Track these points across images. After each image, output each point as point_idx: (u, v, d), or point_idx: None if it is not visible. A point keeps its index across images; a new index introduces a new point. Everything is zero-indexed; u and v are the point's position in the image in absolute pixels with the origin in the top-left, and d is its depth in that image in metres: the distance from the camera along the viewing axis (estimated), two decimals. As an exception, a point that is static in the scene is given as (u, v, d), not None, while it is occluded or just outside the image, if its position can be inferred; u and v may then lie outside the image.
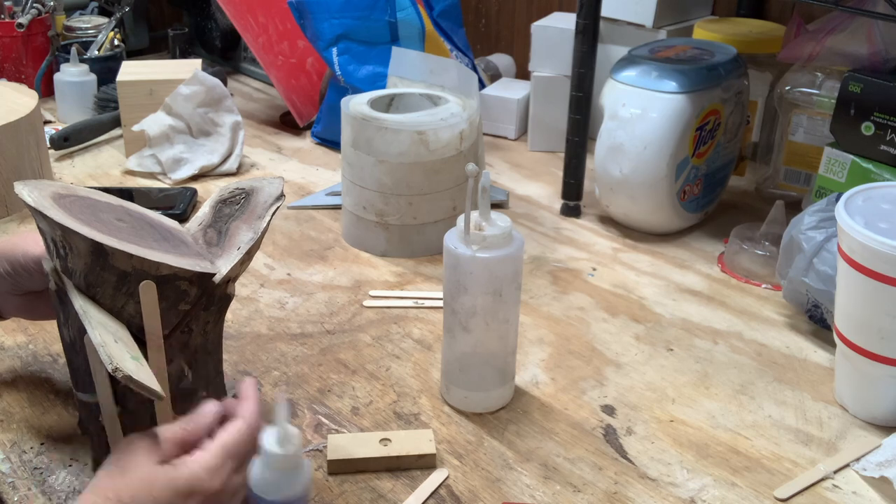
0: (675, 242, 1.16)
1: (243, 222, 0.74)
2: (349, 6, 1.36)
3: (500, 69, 1.63)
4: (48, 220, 0.63)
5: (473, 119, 1.10)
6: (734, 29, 1.31)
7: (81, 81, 1.51)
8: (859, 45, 1.05)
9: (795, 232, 0.93)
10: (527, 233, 1.18)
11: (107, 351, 0.59)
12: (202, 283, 0.68)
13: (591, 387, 0.87)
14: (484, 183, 0.75)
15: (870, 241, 0.74)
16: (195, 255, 0.70)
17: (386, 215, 1.09)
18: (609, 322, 0.98)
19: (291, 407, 0.82)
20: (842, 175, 1.06)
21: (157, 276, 0.65)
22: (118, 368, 0.57)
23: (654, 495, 0.73)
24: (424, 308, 0.99)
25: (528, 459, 0.77)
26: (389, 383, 0.86)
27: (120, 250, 0.63)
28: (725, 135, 1.17)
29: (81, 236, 0.62)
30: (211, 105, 1.36)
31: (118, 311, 0.65)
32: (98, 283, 0.64)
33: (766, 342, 0.94)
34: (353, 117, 1.08)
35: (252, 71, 1.80)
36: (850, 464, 0.76)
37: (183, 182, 1.30)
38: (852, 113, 1.03)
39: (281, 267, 1.08)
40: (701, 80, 1.09)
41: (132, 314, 0.66)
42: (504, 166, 1.40)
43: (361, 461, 0.75)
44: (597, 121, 1.15)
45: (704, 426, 0.81)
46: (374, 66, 1.36)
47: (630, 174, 1.10)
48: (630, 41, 1.33)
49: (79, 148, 1.42)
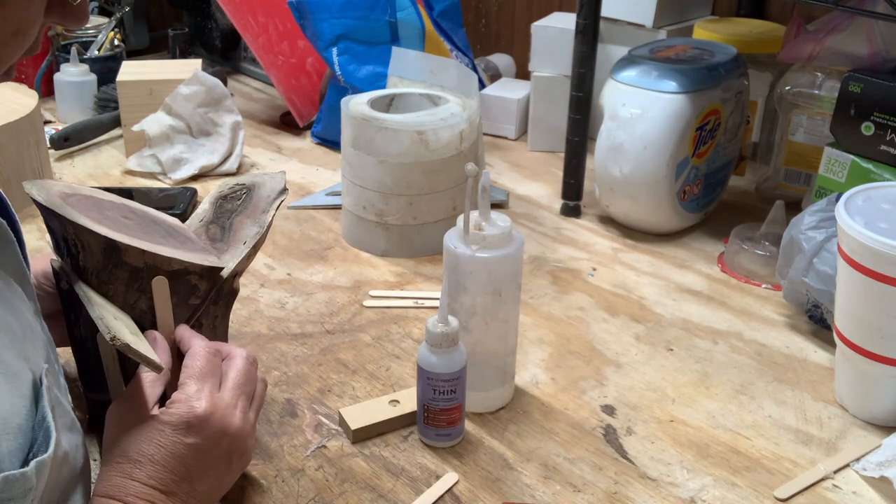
0: (675, 242, 1.16)
1: (247, 217, 0.75)
2: (349, 6, 1.36)
3: (500, 69, 1.63)
4: (61, 218, 0.63)
5: (473, 119, 1.10)
6: (734, 29, 1.31)
7: (81, 81, 1.51)
8: (859, 45, 1.05)
9: (795, 232, 0.93)
10: (527, 233, 1.18)
11: (105, 323, 0.59)
12: (211, 278, 0.68)
13: (591, 387, 0.87)
14: (484, 183, 0.75)
15: (870, 241, 0.74)
16: (201, 250, 0.70)
17: (386, 215, 1.09)
18: (609, 322, 0.98)
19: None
20: (842, 175, 1.06)
21: (169, 272, 0.65)
22: (116, 337, 0.57)
23: (654, 495, 0.73)
24: (424, 308, 0.99)
25: (528, 459, 0.77)
26: (389, 383, 0.86)
27: (133, 246, 0.63)
28: (725, 135, 1.17)
29: (95, 233, 0.63)
30: (211, 105, 1.36)
31: (130, 307, 0.66)
32: (110, 279, 0.65)
33: (766, 342, 0.94)
34: (353, 117, 1.07)
35: (252, 71, 1.80)
36: (850, 464, 0.76)
37: (183, 182, 1.30)
38: (852, 113, 1.03)
39: (281, 267, 1.08)
40: (701, 80, 1.09)
41: (144, 310, 0.66)
42: (504, 166, 1.40)
43: (382, 424, 0.79)
44: (597, 121, 1.15)
45: (704, 426, 0.81)
46: (374, 66, 1.36)
47: (630, 174, 1.10)
48: (630, 41, 1.33)
49: (79, 148, 1.42)
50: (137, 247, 0.64)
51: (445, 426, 0.76)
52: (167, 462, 0.59)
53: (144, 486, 0.58)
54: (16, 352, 0.50)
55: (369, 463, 0.76)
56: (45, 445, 0.48)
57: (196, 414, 0.60)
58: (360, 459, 0.76)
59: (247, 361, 0.66)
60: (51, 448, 0.48)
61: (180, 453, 0.59)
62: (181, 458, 0.59)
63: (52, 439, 0.49)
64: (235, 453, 0.63)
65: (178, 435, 0.60)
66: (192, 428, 0.60)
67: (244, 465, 0.66)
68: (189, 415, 0.60)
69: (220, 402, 0.62)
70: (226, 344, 0.68)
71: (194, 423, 0.60)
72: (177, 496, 0.59)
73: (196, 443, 0.60)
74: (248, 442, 0.65)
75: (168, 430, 0.60)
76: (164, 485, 0.58)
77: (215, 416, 0.61)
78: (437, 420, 0.76)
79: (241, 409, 0.63)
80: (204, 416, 0.60)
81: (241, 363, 0.65)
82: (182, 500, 0.59)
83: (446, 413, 0.75)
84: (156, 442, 0.59)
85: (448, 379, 0.74)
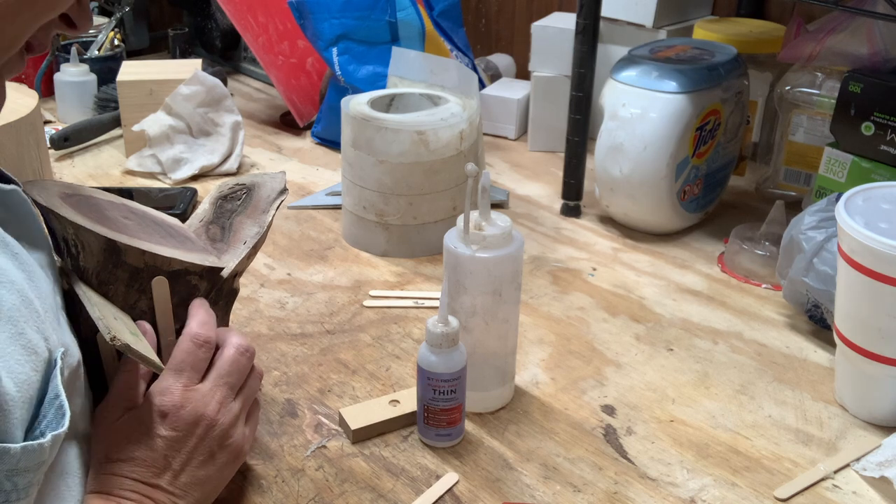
0: (675, 242, 1.16)
1: (247, 217, 0.75)
2: (349, 6, 1.36)
3: (500, 69, 1.63)
4: (61, 218, 0.63)
5: (473, 119, 1.10)
6: (734, 29, 1.31)
7: (81, 81, 1.51)
8: (859, 45, 1.05)
9: (795, 232, 0.93)
10: (527, 233, 1.18)
11: (105, 323, 0.59)
12: (211, 278, 0.68)
13: (591, 387, 0.87)
14: (484, 183, 0.75)
15: (870, 241, 0.74)
16: (201, 250, 0.70)
17: (386, 215, 1.09)
18: (609, 322, 0.98)
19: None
20: (842, 175, 1.06)
21: (169, 272, 0.65)
22: (116, 337, 0.57)
23: (654, 495, 0.73)
24: (424, 308, 0.99)
25: (528, 459, 0.77)
26: (389, 383, 0.86)
27: (133, 247, 0.63)
28: (725, 135, 1.17)
29: (95, 234, 0.63)
30: (211, 105, 1.36)
31: (130, 307, 0.66)
32: (111, 280, 0.65)
33: (766, 342, 0.94)
34: (353, 117, 1.07)
35: (252, 71, 1.80)
36: (850, 464, 0.76)
37: (183, 182, 1.30)
38: (852, 113, 1.03)
39: (281, 267, 1.08)
40: (701, 80, 1.09)
41: (144, 310, 0.66)
42: (504, 166, 1.40)
43: (382, 424, 0.79)
44: (597, 121, 1.15)
45: (704, 426, 0.81)
46: (374, 66, 1.36)
47: (630, 174, 1.10)
48: (630, 41, 1.33)
49: (79, 148, 1.42)
50: (137, 247, 0.64)
51: (445, 426, 0.76)
52: (146, 456, 0.60)
53: (129, 479, 0.59)
54: (36, 328, 0.51)
55: (369, 463, 0.76)
56: (59, 421, 0.50)
57: (167, 407, 0.61)
58: (360, 459, 0.76)
59: (237, 352, 0.65)
60: (65, 425, 0.50)
61: (157, 446, 0.60)
62: (158, 450, 0.60)
63: (67, 416, 0.50)
64: (216, 444, 0.63)
65: (154, 428, 0.61)
66: (165, 420, 0.61)
67: (233, 456, 0.65)
68: (161, 407, 0.61)
69: (194, 393, 0.62)
70: (227, 331, 0.68)
71: (167, 416, 0.61)
72: (161, 488, 0.60)
73: (170, 435, 0.61)
74: (232, 432, 0.64)
75: (143, 426, 0.61)
76: (146, 478, 0.59)
77: (188, 408, 0.62)
78: (438, 420, 0.76)
79: (218, 401, 0.63)
80: (175, 408, 0.61)
81: (229, 353, 0.65)
82: (169, 491, 0.60)
83: (446, 413, 0.75)
84: (134, 437, 0.60)
85: (448, 379, 0.74)
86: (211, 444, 0.63)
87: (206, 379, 0.64)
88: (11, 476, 0.46)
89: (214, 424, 0.63)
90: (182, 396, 0.62)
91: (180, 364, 0.63)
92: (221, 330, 0.67)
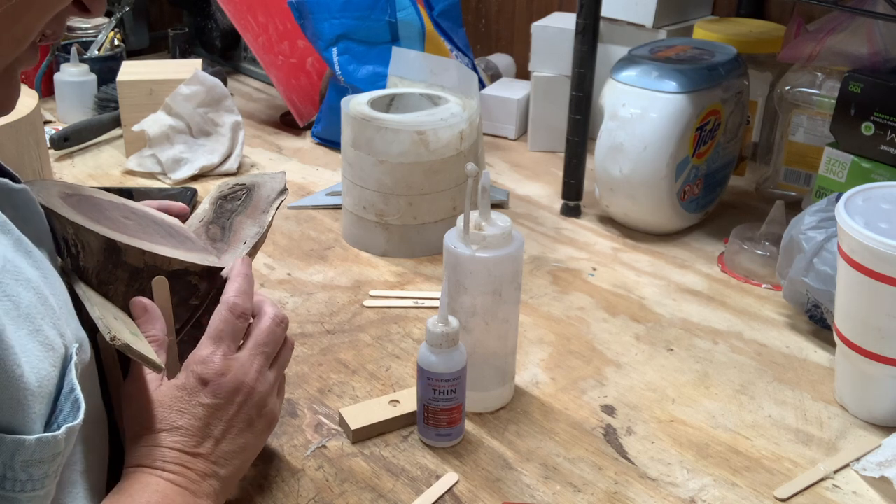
0: (675, 242, 1.16)
1: (247, 217, 0.75)
2: (349, 6, 1.36)
3: (500, 69, 1.63)
4: (61, 218, 0.63)
5: (473, 119, 1.10)
6: (734, 29, 1.31)
7: (81, 81, 1.51)
8: (859, 45, 1.05)
9: (795, 232, 0.93)
10: (527, 233, 1.18)
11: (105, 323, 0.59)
12: (211, 278, 0.68)
13: (591, 387, 0.87)
14: (484, 183, 0.75)
15: (870, 241, 0.74)
16: (201, 250, 0.70)
17: (386, 215, 1.09)
18: (609, 322, 0.98)
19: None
20: (842, 175, 1.06)
21: (169, 272, 0.65)
22: (116, 337, 0.57)
23: (654, 495, 0.73)
24: (424, 308, 0.99)
25: (528, 459, 0.77)
26: (389, 383, 0.86)
27: (133, 247, 0.63)
28: (725, 135, 1.17)
29: (95, 234, 0.63)
30: (211, 105, 1.36)
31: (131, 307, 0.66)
32: (111, 280, 0.65)
33: (766, 342, 0.94)
34: (353, 117, 1.08)
35: (252, 71, 1.80)
36: (850, 464, 0.76)
37: (183, 182, 1.30)
38: (852, 113, 1.03)
39: (281, 267, 1.08)
40: (701, 80, 1.09)
41: None
42: (504, 166, 1.40)
43: (382, 424, 0.79)
44: (597, 121, 1.15)
45: (704, 426, 0.81)
46: (374, 66, 1.36)
47: (630, 174, 1.10)
48: (630, 41, 1.33)
49: (79, 148, 1.42)
50: (137, 247, 0.64)
51: (445, 426, 0.76)
52: (189, 424, 0.60)
53: (171, 450, 0.59)
54: (52, 324, 0.52)
55: (369, 463, 0.76)
56: (74, 414, 0.50)
57: (208, 375, 0.62)
58: (360, 459, 0.76)
59: (273, 322, 0.67)
60: (80, 417, 0.50)
61: (200, 414, 0.61)
62: (201, 418, 0.61)
63: (82, 409, 0.51)
64: (254, 411, 0.64)
65: (195, 396, 0.61)
66: (206, 388, 0.62)
67: (268, 424, 0.66)
68: (202, 376, 0.62)
69: (233, 362, 0.63)
70: (262, 300, 0.68)
71: (209, 384, 0.62)
72: (202, 456, 0.60)
73: (212, 402, 0.61)
74: (268, 400, 0.65)
75: (185, 394, 0.61)
76: (188, 447, 0.60)
77: (228, 376, 0.62)
78: (438, 420, 0.76)
79: (256, 369, 0.64)
80: (217, 376, 0.62)
81: (265, 323, 0.66)
82: (211, 460, 0.61)
83: (446, 413, 0.75)
84: (176, 408, 0.61)
85: (448, 379, 0.74)
86: (250, 411, 0.64)
87: (244, 348, 0.65)
88: (27, 467, 0.47)
89: (253, 392, 0.64)
90: (223, 364, 0.62)
91: (219, 333, 0.64)
92: (256, 299, 0.68)
